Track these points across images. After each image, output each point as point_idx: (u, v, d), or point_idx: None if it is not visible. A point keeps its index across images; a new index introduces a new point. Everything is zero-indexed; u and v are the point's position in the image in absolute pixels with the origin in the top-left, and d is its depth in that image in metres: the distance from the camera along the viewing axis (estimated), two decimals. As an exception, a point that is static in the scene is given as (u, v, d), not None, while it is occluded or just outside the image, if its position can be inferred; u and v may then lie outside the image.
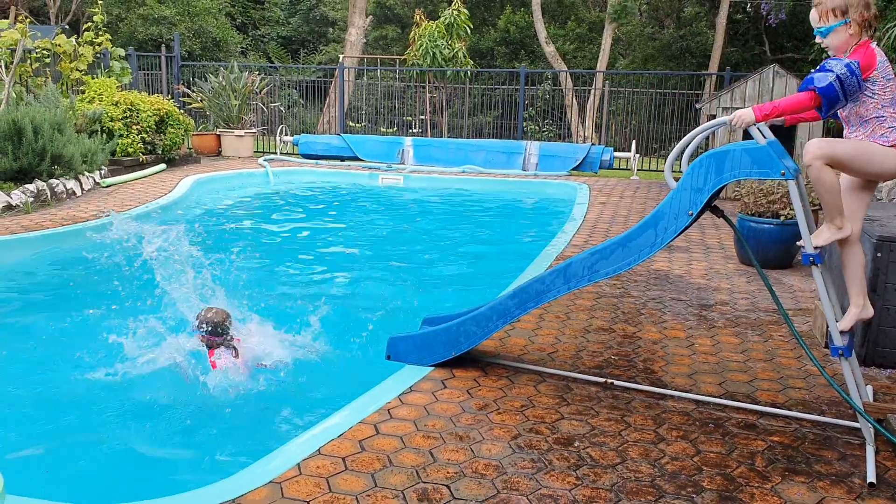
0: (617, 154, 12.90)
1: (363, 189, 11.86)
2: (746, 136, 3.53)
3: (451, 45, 15.35)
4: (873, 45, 3.44)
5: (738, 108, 10.21)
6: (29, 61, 11.02)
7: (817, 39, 3.53)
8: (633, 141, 13.42)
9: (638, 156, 12.92)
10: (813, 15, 3.50)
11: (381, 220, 9.82)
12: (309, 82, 21.20)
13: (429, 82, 16.65)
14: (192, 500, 2.98)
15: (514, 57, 28.01)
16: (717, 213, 3.73)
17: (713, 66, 21.70)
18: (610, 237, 7.83)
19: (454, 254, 8.06)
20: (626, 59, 27.74)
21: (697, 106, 11.51)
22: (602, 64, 23.62)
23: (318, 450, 3.32)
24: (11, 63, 10.10)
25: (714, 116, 10.59)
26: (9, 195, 8.24)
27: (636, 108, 18.42)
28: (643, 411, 3.79)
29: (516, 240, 8.66)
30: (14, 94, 9.75)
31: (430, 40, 15.20)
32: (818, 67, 3.38)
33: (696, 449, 3.41)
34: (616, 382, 4.06)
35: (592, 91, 20.79)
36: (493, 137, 17.85)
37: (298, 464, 3.20)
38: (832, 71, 3.28)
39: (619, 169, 13.56)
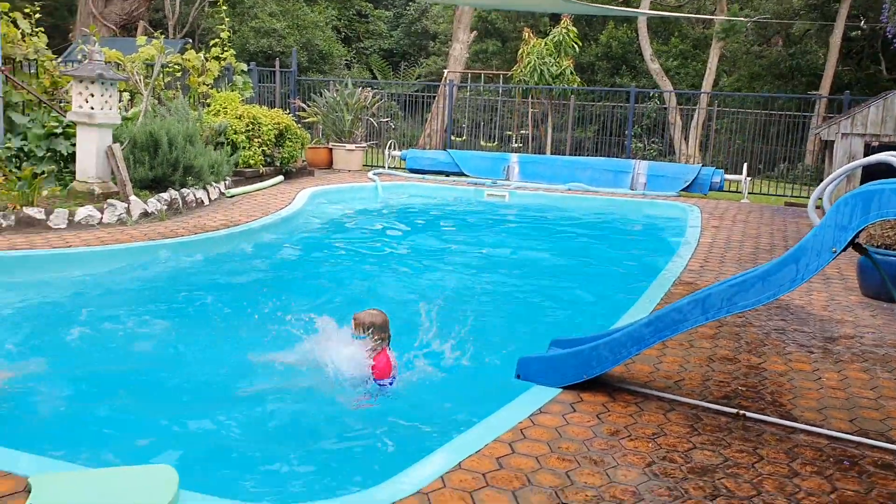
0: (727, 176, 12.73)
1: (469, 204, 12.07)
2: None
3: (558, 62, 15.45)
4: None
5: (857, 134, 9.96)
6: (161, 75, 11.70)
7: None
8: (745, 164, 13.20)
9: (749, 179, 12.70)
10: None
11: (489, 237, 9.99)
12: (409, 95, 21.67)
13: (532, 97, 16.78)
14: (344, 505, 3.14)
15: (615, 72, 27.87)
16: (861, 250, 3.73)
17: (825, 85, 21.12)
18: (725, 263, 7.80)
19: (566, 273, 8.15)
20: (731, 77, 27.23)
21: (815, 131, 11.27)
22: (707, 82, 23.28)
23: (459, 464, 3.47)
24: (148, 77, 10.75)
25: (832, 142, 10.35)
26: (146, 203, 8.79)
27: (741, 127, 18.10)
28: (775, 444, 3.81)
29: (629, 262, 8.68)
30: (150, 107, 10.38)
31: (538, 58, 15.34)
32: None
33: (832, 486, 3.42)
34: (748, 414, 4.09)
35: (697, 110, 20.54)
36: (593, 153, 17.86)
37: (442, 476, 3.36)
38: None
39: (728, 191, 13.37)
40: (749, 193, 12.82)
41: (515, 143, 17.59)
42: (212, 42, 12.99)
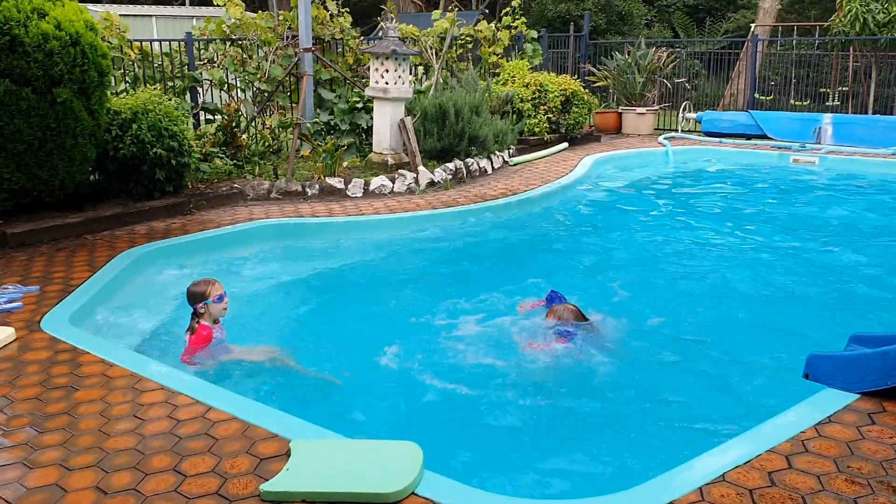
0: None
1: (771, 171, 11.02)
2: None
3: (887, 9, 13.47)
4: None
5: None
6: (454, 47, 12.04)
7: None
8: None
9: None
10: None
11: (793, 209, 9.00)
12: (713, 53, 20.27)
13: (854, 50, 14.86)
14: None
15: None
16: None
17: None
18: None
19: (885, 255, 7.04)
20: None
21: None
22: None
23: (723, 476, 3.09)
24: (441, 50, 11.11)
25: None
26: (432, 173, 9.12)
27: None
28: None
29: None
30: (441, 79, 10.72)
31: (861, 4, 13.50)
32: None
33: None
34: None
35: None
36: (930, 112, 15.41)
37: (701, 488, 3.01)
38: None
39: None
40: None
41: (833, 101, 15.75)
42: (503, 11, 13.11)
